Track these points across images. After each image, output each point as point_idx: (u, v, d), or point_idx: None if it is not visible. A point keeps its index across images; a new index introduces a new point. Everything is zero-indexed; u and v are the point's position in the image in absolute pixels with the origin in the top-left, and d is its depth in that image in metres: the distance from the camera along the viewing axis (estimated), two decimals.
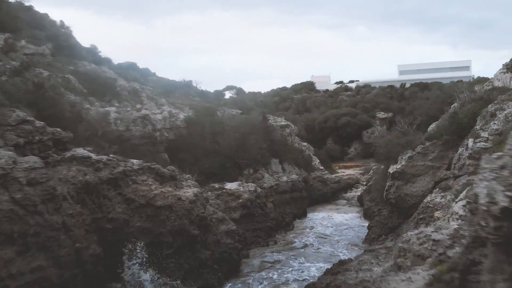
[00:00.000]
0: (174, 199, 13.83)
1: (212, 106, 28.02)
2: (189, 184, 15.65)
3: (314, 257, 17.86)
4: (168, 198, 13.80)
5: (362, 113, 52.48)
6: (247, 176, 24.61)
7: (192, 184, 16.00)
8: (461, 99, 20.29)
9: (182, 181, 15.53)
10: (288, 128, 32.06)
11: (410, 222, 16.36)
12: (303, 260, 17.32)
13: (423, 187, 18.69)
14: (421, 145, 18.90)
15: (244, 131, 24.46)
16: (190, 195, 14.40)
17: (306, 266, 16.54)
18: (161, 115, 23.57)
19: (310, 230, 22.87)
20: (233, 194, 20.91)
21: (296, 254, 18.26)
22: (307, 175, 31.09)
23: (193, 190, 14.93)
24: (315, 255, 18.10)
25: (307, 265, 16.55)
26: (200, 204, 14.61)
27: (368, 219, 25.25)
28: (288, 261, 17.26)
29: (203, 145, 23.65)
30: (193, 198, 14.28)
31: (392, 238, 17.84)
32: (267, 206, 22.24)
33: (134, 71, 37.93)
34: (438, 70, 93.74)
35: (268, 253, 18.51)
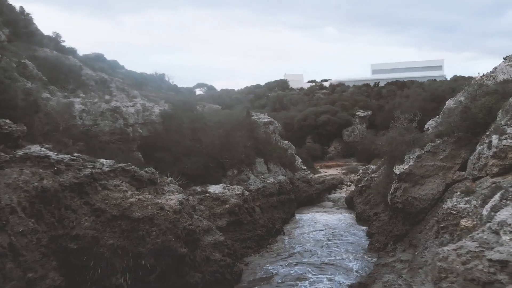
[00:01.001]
0: (155, 208, 11.18)
1: (190, 99, 25.28)
2: (171, 189, 13.00)
3: (324, 269, 15.58)
4: (147, 207, 11.13)
5: (342, 111, 50.84)
6: (231, 178, 22.10)
7: (175, 189, 13.37)
8: (470, 92, 18.49)
9: (164, 186, 12.87)
10: (272, 125, 29.75)
11: (428, 231, 14.32)
12: (313, 272, 14.98)
13: (433, 190, 16.77)
14: (430, 143, 16.95)
15: (228, 128, 21.93)
16: (174, 203, 11.77)
17: (319, 278, 14.23)
18: (134, 108, 20.70)
19: (304, 236, 20.58)
20: (218, 198, 18.37)
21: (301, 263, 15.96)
22: (292, 176, 28.86)
23: (177, 197, 12.30)
24: (324, 268, 15.78)
25: (319, 277, 14.24)
26: (187, 214, 12.01)
27: (362, 223, 23.34)
28: (303, 274, 14.88)
29: (182, 143, 20.98)
30: (178, 207, 11.67)
31: (403, 248, 15.81)
32: (255, 212, 19.82)
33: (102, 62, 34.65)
34: (411, 69, 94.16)
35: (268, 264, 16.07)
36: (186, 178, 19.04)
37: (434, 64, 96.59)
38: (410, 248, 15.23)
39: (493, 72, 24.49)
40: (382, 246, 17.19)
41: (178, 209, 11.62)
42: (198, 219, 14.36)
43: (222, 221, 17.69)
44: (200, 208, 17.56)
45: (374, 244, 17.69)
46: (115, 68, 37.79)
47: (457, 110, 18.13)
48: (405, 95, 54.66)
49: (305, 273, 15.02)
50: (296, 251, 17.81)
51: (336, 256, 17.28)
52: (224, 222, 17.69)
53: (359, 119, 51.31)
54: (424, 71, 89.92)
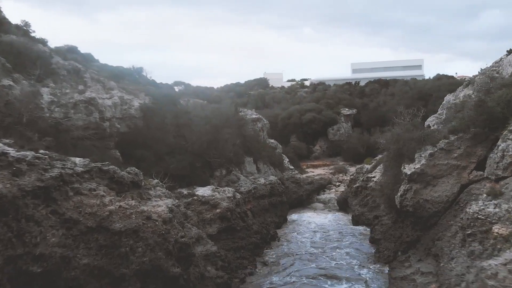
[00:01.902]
0: (141, 218, 9.11)
1: (173, 93, 23.07)
2: (158, 194, 10.93)
3: (333, 281, 13.76)
4: (130, 217, 9.05)
5: (327, 109, 49.40)
6: (220, 179, 20.08)
7: (163, 193, 11.30)
8: (482, 85, 17.03)
9: (149, 190, 10.78)
10: (260, 122, 27.85)
11: (450, 239, 12.71)
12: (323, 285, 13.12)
13: (447, 191, 15.21)
14: (444, 140, 15.41)
15: (216, 124, 19.89)
16: (163, 211, 9.72)
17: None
18: (111, 101, 18.44)
19: (301, 241, 18.77)
20: (207, 202, 16.34)
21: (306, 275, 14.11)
22: (282, 176, 27.05)
23: (166, 203, 10.25)
24: (333, 280, 13.95)
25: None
26: (178, 224, 9.96)
27: (360, 225, 21.73)
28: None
29: (165, 140, 18.85)
30: (167, 216, 9.62)
31: (418, 256, 14.18)
32: (248, 216, 17.87)
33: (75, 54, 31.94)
34: (391, 68, 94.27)
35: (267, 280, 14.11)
36: (170, 179, 16.98)
37: (414, 63, 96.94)
38: (427, 257, 13.61)
39: (494, 67, 23.35)
40: (391, 254, 15.54)
41: (168, 218, 9.58)
42: (189, 227, 12.31)
43: (212, 228, 15.68)
44: (188, 213, 15.49)
45: (382, 252, 16.03)
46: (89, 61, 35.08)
47: (469, 104, 16.64)
48: (390, 93, 53.78)
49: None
50: (296, 261, 15.96)
51: (341, 265, 15.55)
52: (215, 229, 15.68)
53: (344, 118, 50.00)
54: (404, 71, 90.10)
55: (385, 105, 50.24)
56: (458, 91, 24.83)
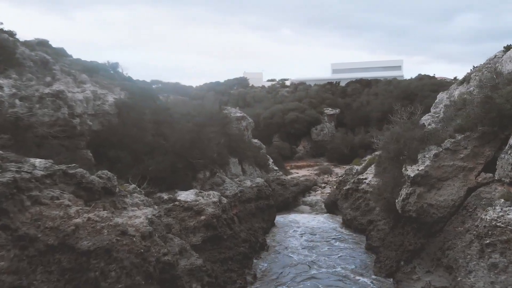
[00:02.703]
0: (114, 233, 7.44)
1: (151, 88, 21.27)
2: (136, 202, 9.25)
3: None
4: (102, 232, 7.37)
5: (310, 109, 48.25)
6: (203, 181, 18.43)
7: (141, 200, 9.61)
8: (488, 81, 15.91)
9: (125, 197, 9.08)
10: (245, 120, 26.29)
11: (465, 249, 11.44)
12: None
13: (453, 195, 14.01)
14: (450, 139, 14.20)
15: (199, 122, 18.23)
16: (141, 224, 8.06)
17: None
18: (82, 95, 16.55)
19: (293, 249, 17.31)
20: (190, 208, 14.68)
21: None
22: (268, 178, 25.57)
23: (146, 213, 8.59)
24: None
25: None
26: (160, 238, 8.32)
27: (352, 230, 20.48)
28: None
29: (143, 139, 17.08)
30: (147, 229, 7.97)
31: (426, 267, 12.92)
32: (235, 223, 16.29)
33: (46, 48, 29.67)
34: (371, 69, 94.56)
35: None
36: (149, 182, 15.26)
37: (393, 64, 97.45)
38: (437, 269, 12.35)
39: (489, 64, 22.47)
40: (394, 264, 14.23)
41: (148, 232, 7.92)
42: (171, 238, 10.65)
43: (196, 237, 14.04)
44: (168, 220, 13.79)
45: (383, 261, 14.71)
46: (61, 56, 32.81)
47: (473, 101, 15.52)
48: (373, 93, 53.11)
49: None
50: (289, 272, 14.49)
51: (339, 276, 14.17)
52: (199, 238, 14.04)
53: (327, 117, 48.97)
54: (384, 71, 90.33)
55: (368, 105, 49.51)
56: (452, 89, 23.86)
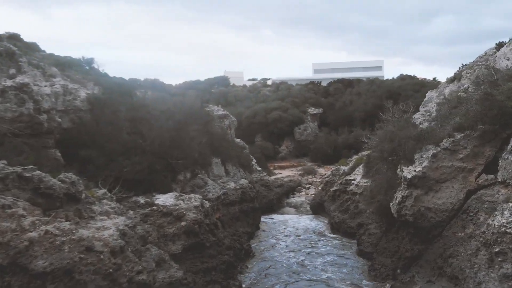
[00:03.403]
0: (77, 250, 6.16)
1: (128, 82, 19.82)
2: (106, 210, 7.95)
3: None
4: (62, 248, 6.08)
5: (293, 108, 47.31)
6: (184, 183, 17.15)
7: (112, 208, 8.31)
8: (486, 77, 15.12)
9: (92, 204, 7.78)
10: (227, 119, 25.08)
11: (471, 257, 10.51)
12: None
13: (452, 198, 13.15)
14: (449, 138, 13.34)
15: (180, 119, 16.93)
16: (111, 237, 6.80)
17: None
18: (51, 89, 15.06)
19: (280, 255, 16.19)
20: (170, 213, 13.39)
21: None
22: (252, 179, 24.41)
23: (117, 223, 7.33)
24: None
25: None
26: (133, 253, 7.05)
27: (340, 233, 19.52)
28: None
29: (118, 137, 15.68)
30: (118, 243, 6.73)
31: (426, 276, 11.97)
32: (218, 228, 15.06)
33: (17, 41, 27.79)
34: (353, 69, 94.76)
35: None
36: (124, 185, 13.91)
37: (374, 64, 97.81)
38: (440, 278, 11.41)
39: (479, 61, 21.89)
40: (390, 272, 13.27)
41: (119, 246, 6.67)
42: (147, 249, 9.37)
43: (176, 245, 12.77)
44: (145, 228, 12.48)
45: (378, 269, 13.74)
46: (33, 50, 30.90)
47: (470, 98, 14.72)
48: (356, 93, 52.56)
49: None
50: (277, 283, 13.35)
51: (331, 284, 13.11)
52: (179, 246, 12.77)
53: (310, 117, 48.13)
54: (365, 71, 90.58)
55: (351, 105, 48.91)
56: (442, 87, 23.26)
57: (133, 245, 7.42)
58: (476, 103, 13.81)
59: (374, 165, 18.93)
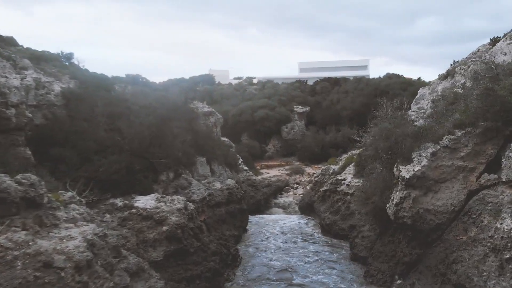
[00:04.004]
0: (33, 266, 5.09)
1: (106, 77, 18.60)
2: (73, 216, 6.87)
3: None
4: (14, 265, 5.01)
5: (280, 106, 46.42)
6: (166, 184, 16.06)
7: (80, 213, 7.22)
8: (486, 71, 14.37)
9: (56, 210, 6.69)
10: (213, 116, 24.02)
11: (478, 264, 9.72)
12: None
13: (452, 199, 12.38)
14: (449, 136, 12.56)
15: (162, 115, 15.84)
16: (76, 249, 5.74)
17: None
18: (21, 82, 13.81)
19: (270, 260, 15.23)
20: (150, 217, 12.32)
21: None
22: (238, 178, 23.43)
23: (85, 232, 6.27)
24: None
25: None
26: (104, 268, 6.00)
27: (332, 235, 18.69)
28: None
29: (94, 134, 14.53)
30: (84, 257, 5.67)
31: (428, 284, 11.14)
32: (203, 232, 14.03)
33: None
34: (338, 68, 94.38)
35: None
36: (101, 186, 12.77)
37: (360, 63, 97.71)
38: (443, 286, 10.60)
39: (473, 58, 21.33)
40: (387, 279, 12.43)
41: (86, 260, 5.62)
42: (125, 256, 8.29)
43: (157, 251, 11.71)
44: (123, 233, 11.42)
45: (375, 275, 12.90)
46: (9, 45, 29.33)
47: (468, 94, 13.98)
48: (343, 91, 51.95)
49: None
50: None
51: None
52: (160, 253, 11.72)
53: (297, 115, 47.31)
54: (350, 71, 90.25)
55: (338, 103, 48.26)
56: (434, 84, 22.64)
57: (104, 257, 6.38)
58: (476, 98, 13.07)
59: (367, 164, 18.15)
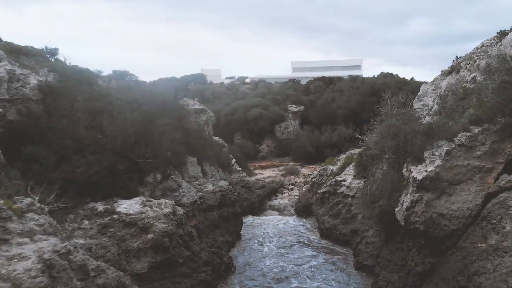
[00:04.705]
0: None
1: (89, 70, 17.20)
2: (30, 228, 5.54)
3: None
4: None
5: (274, 105, 45.19)
6: (153, 186, 14.75)
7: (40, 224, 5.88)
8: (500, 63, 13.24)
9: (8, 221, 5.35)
10: (205, 114, 22.71)
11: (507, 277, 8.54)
12: None
13: (469, 202, 11.21)
14: (465, 133, 11.41)
15: (148, 111, 14.51)
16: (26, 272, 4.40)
17: None
18: None
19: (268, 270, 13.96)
20: (134, 223, 11.01)
21: None
22: (231, 180, 22.16)
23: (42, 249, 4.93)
24: None
25: None
26: None
27: (332, 241, 17.51)
28: None
29: (73, 132, 13.17)
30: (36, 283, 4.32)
31: None
32: (194, 240, 12.73)
33: None
34: (331, 68, 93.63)
35: None
36: (77, 189, 11.43)
37: (353, 63, 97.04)
38: None
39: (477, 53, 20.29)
40: None
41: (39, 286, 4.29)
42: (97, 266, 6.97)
43: (142, 262, 10.40)
44: (102, 242, 10.11)
45: (384, 286, 11.69)
46: None
47: (490, 86, 12.82)
48: (338, 90, 50.88)
49: None
50: None
51: None
52: (145, 264, 10.41)
53: (292, 115, 46.11)
54: (343, 70, 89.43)
55: (334, 102, 47.16)
56: (438, 80, 21.49)
57: (65, 282, 5.07)
58: (493, 92, 11.92)
59: (368, 164, 17.00)
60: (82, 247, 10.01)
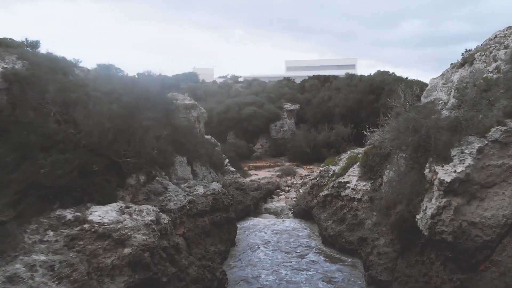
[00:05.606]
0: None
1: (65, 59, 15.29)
2: None
3: None
4: None
5: (269, 103, 43.43)
6: (136, 189, 12.91)
7: None
8: None
9: None
10: (195, 110, 20.90)
11: None
12: None
13: (504, 208, 9.55)
14: (500, 127, 9.75)
15: (130, 103, 12.67)
16: None
17: None
18: None
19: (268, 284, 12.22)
20: (108, 234, 9.19)
21: None
22: (225, 181, 20.37)
23: None
24: None
25: None
26: None
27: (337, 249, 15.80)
28: None
29: (41, 127, 11.30)
30: None
31: None
32: (181, 253, 10.91)
33: None
34: (325, 67, 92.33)
35: None
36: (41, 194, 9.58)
37: (348, 62, 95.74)
38: None
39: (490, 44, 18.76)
40: None
41: None
42: None
43: (116, 283, 8.58)
44: (69, 258, 8.29)
45: None
46: None
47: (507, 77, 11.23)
48: (335, 88, 49.24)
49: None
50: None
51: None
52: (121, 285, 8.59)
53: (287, 113, 44.37)
54: (338, 70, 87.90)
55: (330, 101, 45.51)
56: (449, 73, 19.85)
57: None
58: None
59: (375, 164, 15.33)
60: (43, 266, 8.27)
